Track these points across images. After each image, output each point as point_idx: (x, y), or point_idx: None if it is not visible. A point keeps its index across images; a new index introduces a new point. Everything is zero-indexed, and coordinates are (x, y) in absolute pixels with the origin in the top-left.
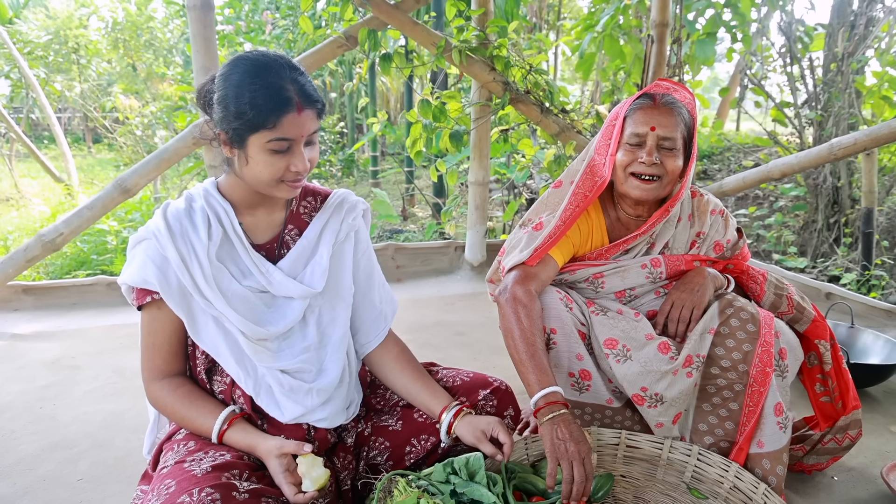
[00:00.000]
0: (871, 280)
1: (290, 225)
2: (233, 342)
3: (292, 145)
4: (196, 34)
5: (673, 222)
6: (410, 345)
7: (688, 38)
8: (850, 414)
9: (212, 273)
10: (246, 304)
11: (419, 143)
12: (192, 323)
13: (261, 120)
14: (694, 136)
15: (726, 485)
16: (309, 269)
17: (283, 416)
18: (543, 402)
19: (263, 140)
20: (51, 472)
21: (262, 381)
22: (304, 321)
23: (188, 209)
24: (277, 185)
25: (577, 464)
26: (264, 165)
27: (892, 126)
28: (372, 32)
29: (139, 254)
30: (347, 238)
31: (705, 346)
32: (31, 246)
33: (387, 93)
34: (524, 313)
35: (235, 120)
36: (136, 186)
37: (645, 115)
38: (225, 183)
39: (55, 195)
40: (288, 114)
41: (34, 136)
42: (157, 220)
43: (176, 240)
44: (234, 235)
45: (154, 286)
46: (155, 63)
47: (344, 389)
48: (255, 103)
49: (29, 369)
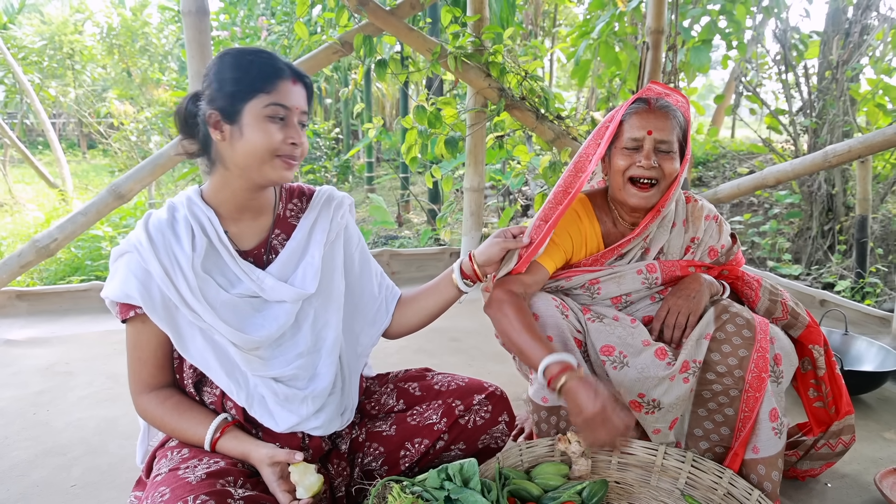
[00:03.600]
0: (866, 287)
1: (278, 230)
2: (222, 354)
3: (288, 117)
4: (191, 40)
5: (667, 227)
6: (405, 351)
7: (683, 44)
8: (843, 419)
9: (197, 285)
10: (234, 312)
11: (414, 150)
12: (178, 337)
13: (258, 83)
14: (687, 139)
15: (720, 491)
16: (300, 271)
17: (278, 425)
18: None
19: (260, 106)
20: (44, 478)
21: (255, 392)
22: (298, 326)
23: (170, 220)
24: (272, 160)
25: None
26: (261, 134)
27: (886, 134)
28: (367, 38)
29: (121, 267)
30: (338, 237)
31: (701, 352)
32: (25, 251)
33: (382, 99)
34: (508, 307)
35: (232, 86)
36: (131, 192)
37: (641, 119)
38: (209, 189)
39: (49, 201)
40: (283, 79)
41: (28, 141)
42: (138, 233)
43: (158, 252)
44: (220, 244)
45: (136, 301)
46: (150, 69)
47: (337, 396)
48: (251, 69)
49: (22, 375)
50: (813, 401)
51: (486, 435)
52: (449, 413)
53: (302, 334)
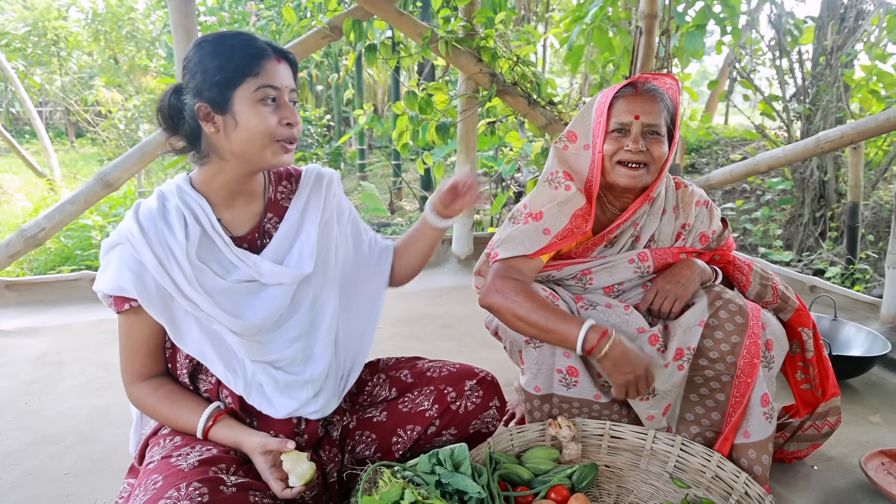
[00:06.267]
0: (855, 274)
1: (270, 213)
2: (219, 343)
3: (279, 97)
4: (177, 25)
5: (657, 214)
6: (397, 338)
7: (677, 29)
8: (829, 401)
9: (194, 275)
10: (231, 299)
11: (406, 136)
12: (174, 328)
13: (244, 68)
14: (676, 121)
15: (708, 474)
16: (296, 252)
17: (277, 412)
18: (591, 343)
19: (250, 90)
20: (37, 466)
21: (253, 381)
22: (296, 307)
23: (161, 209)
24: (271, 144)
25: (643, 382)
26: (256, 119)
27: (878, 120)
28: (357, 23)
29: (113, 260)
30: (332, 216)
31: (695, 339)
32: (13, 241)
33: (374, 85)
34: (512, 292)
35: (217, 74)
36: (119, 180)
37: (628, 103)
38: (199, 178)
39: (38, 190)
40: (268, 59)
41: (14, 130)
42: (129, 223)
43: (152, 243)
44: (214, 232)
45: (132, 293)
46: (137, 55)
47: (332, 381)
48: (234, 55)
49: (13, 365)
50: (800, 383)
51: (478, 420)
52: (441, 399)
53: (300, 315)
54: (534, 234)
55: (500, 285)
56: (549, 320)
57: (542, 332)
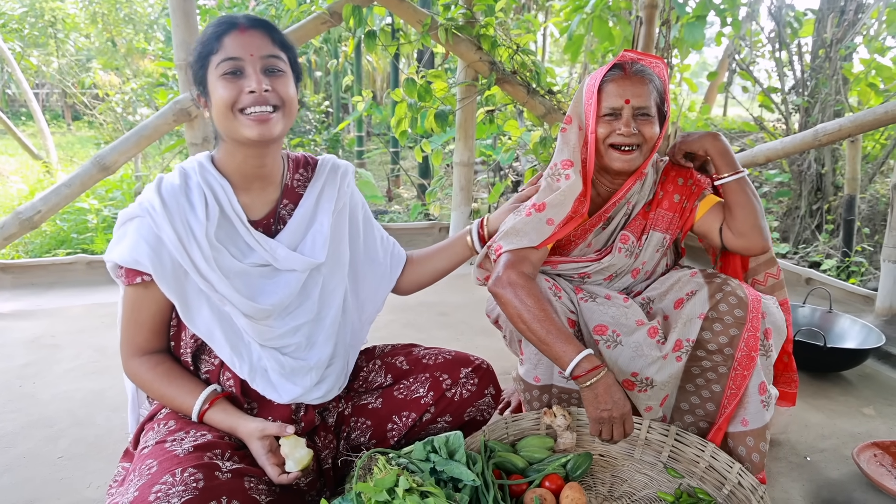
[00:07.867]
0: (851, 266)
1: (286, 199)
2: (228, 325)
3: (244, 67)
4: (175, 7)
5: (648, 187)
6: (393, 325)
7: (677, 20)
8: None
9: (212, 255)
10: (246, 282)
11: (404, 123)
12: (185, 307)
13: (209, 45)
14: (666, 100)
15: (702, 464)
16: (310, 240)
17: (281, 397)
18: (581, 371)
19: (214, 66)
20: (31, 449)
21: (258, 365)
22: (306, 293)
23: (183, 186)
24: (237, 117)
25: (618, 426)
26: (219, 93)
27: (876, 113)
28: (357, 9)
29: (130, 232)
30: (345, 206)
31: (694, 331)
32: (8, 223)
33: (373, 72)
34: (525, 293)
35: (196, 59)
36: (116, 164)
37: (618, 87)
38: (219, 157)
39: (34, 173)
40: (229, 33)
41: (11, 112)
42: (150, 196)
43: (173, 219)
44: (233, 213)
45: (147, 268)
46: (135, 38)
47: (335, 370)
48: (205, 35)
49: (7, 348)
50: None
51: (473, 408)
52: (436, 386)
53: (310, 302)
54: (538, 225)
55: (514, 279)
56: (551, 334)
57: (538, 342)
